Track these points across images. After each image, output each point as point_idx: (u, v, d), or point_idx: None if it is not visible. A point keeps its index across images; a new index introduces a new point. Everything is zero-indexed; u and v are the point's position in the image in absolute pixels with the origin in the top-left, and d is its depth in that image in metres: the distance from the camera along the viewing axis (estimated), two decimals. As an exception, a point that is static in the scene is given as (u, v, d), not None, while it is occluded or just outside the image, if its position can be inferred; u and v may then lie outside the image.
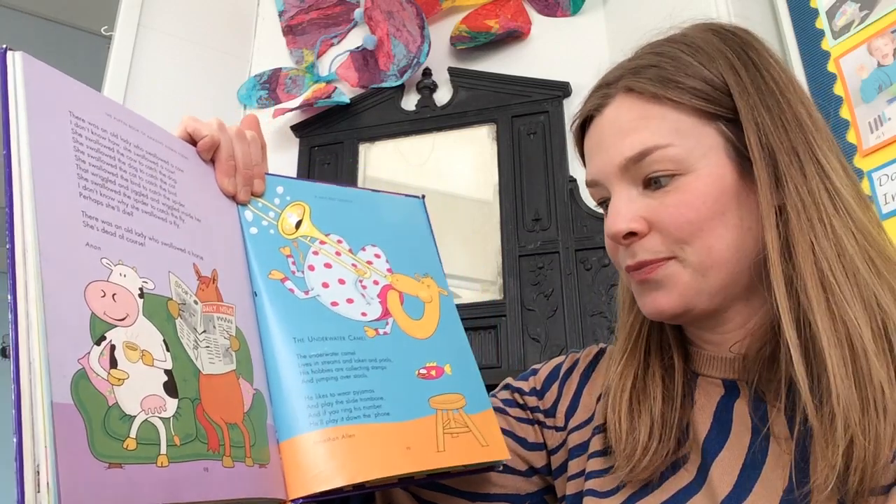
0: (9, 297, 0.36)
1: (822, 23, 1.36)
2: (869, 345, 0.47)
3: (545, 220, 1.72)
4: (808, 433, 0.49)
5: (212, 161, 0.57)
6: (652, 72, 0.55)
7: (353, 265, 0.61)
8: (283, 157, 1.99)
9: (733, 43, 0.57)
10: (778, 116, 0.53)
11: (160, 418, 0.41)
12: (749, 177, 0.53)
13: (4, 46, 0.42)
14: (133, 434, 0.39)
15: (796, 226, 0.51)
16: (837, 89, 1.31)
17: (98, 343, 0.39)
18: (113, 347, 0.40)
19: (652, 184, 0.54)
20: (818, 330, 0.48)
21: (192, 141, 0.56)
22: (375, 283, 0.62)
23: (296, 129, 2.00)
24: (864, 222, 0.52)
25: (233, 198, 0.58)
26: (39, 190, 0.39)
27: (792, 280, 0.50)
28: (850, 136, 1.26)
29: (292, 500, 0.49)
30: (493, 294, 1.71)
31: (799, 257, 0.50)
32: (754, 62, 0.55)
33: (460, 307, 1.78)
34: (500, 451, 0.59)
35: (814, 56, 1.37)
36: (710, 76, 0.54)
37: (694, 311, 0.55)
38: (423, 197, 0.71)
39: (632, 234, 0.55)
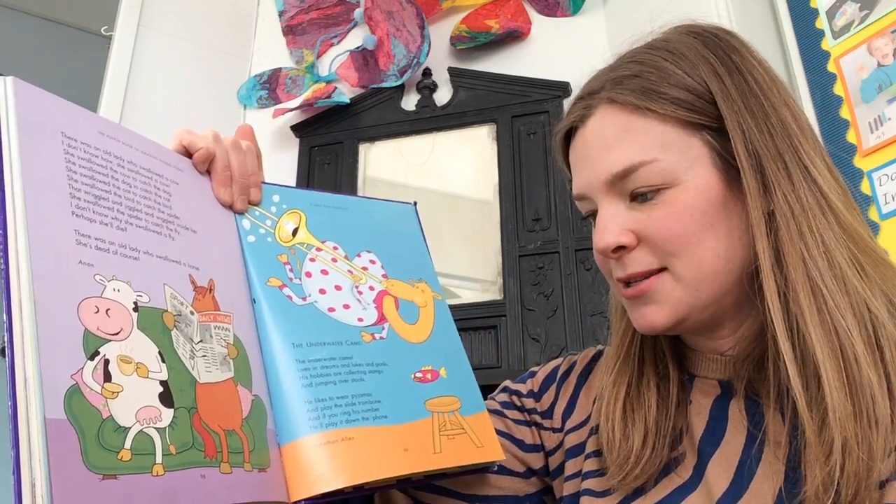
0: (4, 316, 0.38)
1: (822, 23, 1.36)
2: (861, 354, 0.47)
3: (545, 220, 1.73)
4: (802, 432, 0.49)
5: (208, 172, 0.58)
6: (634, 82, 0.55)
7: (349, 271, 0.62)
8: (283, 158, 1.99)
9: (715, 46, 0.56)
10: (763, 122, 0.53)
11: (155, 428, 0.41)
12: (736, 185, 0.53)
13: None
14: (128, 445, 0.39)
15: (786, 235, 0.50)
16: (837, 89, 1.30)
17: (92, 358, 0.40)
18: (107, 362, 0.41)
19: (639, 197, 0.54)
20: (812, 340, 0.48)
21: (188, 153, 0.57)
22: (371, 288, 0.62)
23: (296, 129, 2.01)
24: (854, 226, 0.51)
25: (230, 207, 0.58)
26: (32, 212, 0.41)
27: (783, 290, 0.50)
28: (850, 136, 1.26)
29: (294, 503, 0.49)
30: (493, 294, 1.72)
31: (790, 267, 0.50)
32: (737, 66, 0.55)
33: (460, 307, 1.79)
34: (495, 451, 0.60)
35: (814, 56, 1.37)
36: (693, 84, 0.54)
37: (686, 323, 0.55)
38: (416, 203, 0.72)
39: (620, 248, 0.55)
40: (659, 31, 0.59)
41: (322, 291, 0.59)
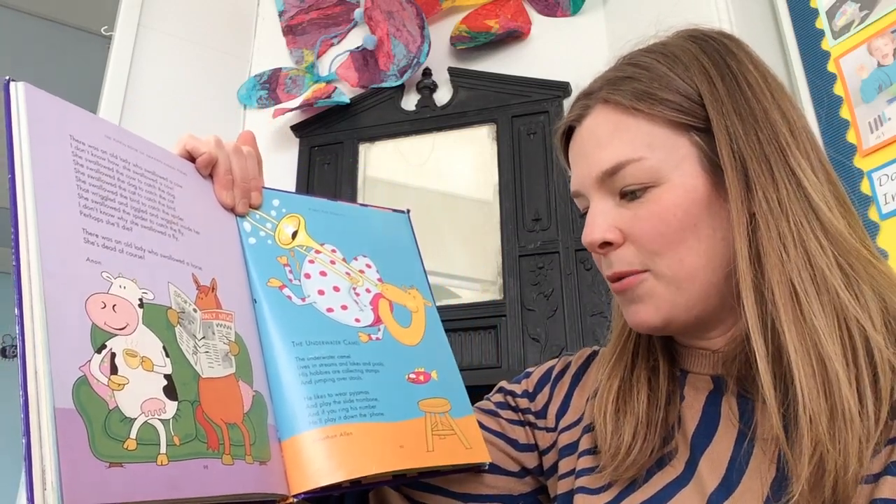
0: (16, 311, 0.39)
1: (822, 23, 1.37)
2: (836, 356, 0.47)
3: (545, 220, 1.73)
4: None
5: (210, 176, 0.60)
6: (628, 84, 0.56)
7: (347, 273, 0.64)
8: (283, 158, 2.00)
9: (712, 51, 0.57)
10: (751, 125, 0.54)
11: (160, 420, 0.43)
12: (722, 186, 0.54)
13: (7, 78, 0.45)
14: (133, 435, 0.41)
15: (765, 235, 0.51)
16: (837, 89, 1.31)
17: (99, 351, 0.41)
18: (113, 355, 0.42)
19: (628, 195, 0.55)
20: (786, 339, 0.49)
21: (191, 158, 0.59)
22: (367, 291, 0.64)
23: (296, 129, 2.01)
24: (839, 228, 0.51)
25: (231, 210, 0.60)
26: (42, 211, 0.42)
27: (761, 289, 0.51)
28: (850, 136, 1.27)
29: (294, 496, 0.51)
30: (493, 294, 1.72)
31: (767, 266, 0.50)
32: (731, 69, 0.56)
33: (460, 307, 1.80)
34: (481, 453, 0.61)
35: (814, 56, 1.37)
36: (684, 87, 0.55)
37: (675, 322, 0.56)
38: (409, 211, 0.73)
39: (607, 244, 0.56)
40: (662, 34, 0.61)
41: (321, 292, 0.61)
